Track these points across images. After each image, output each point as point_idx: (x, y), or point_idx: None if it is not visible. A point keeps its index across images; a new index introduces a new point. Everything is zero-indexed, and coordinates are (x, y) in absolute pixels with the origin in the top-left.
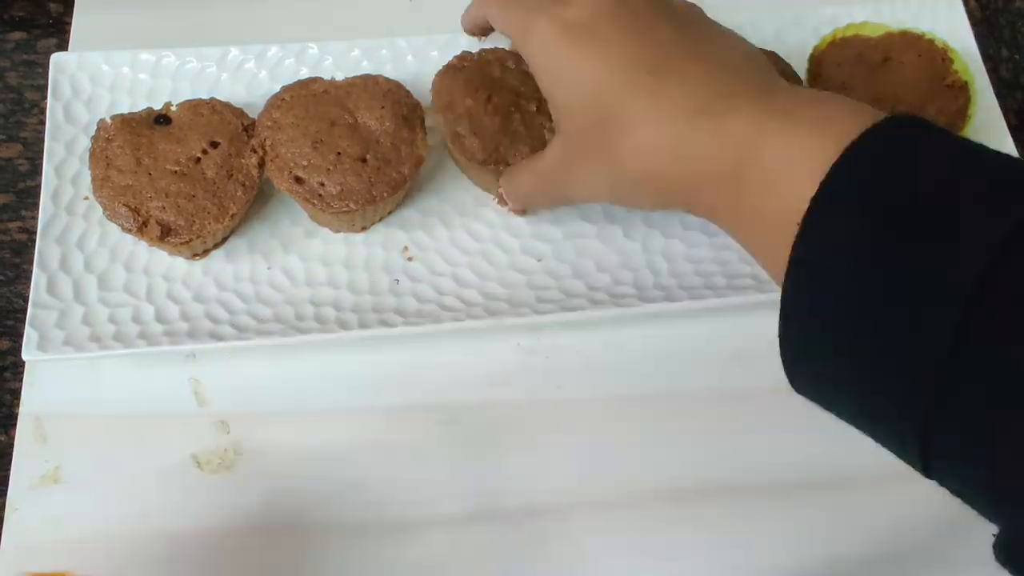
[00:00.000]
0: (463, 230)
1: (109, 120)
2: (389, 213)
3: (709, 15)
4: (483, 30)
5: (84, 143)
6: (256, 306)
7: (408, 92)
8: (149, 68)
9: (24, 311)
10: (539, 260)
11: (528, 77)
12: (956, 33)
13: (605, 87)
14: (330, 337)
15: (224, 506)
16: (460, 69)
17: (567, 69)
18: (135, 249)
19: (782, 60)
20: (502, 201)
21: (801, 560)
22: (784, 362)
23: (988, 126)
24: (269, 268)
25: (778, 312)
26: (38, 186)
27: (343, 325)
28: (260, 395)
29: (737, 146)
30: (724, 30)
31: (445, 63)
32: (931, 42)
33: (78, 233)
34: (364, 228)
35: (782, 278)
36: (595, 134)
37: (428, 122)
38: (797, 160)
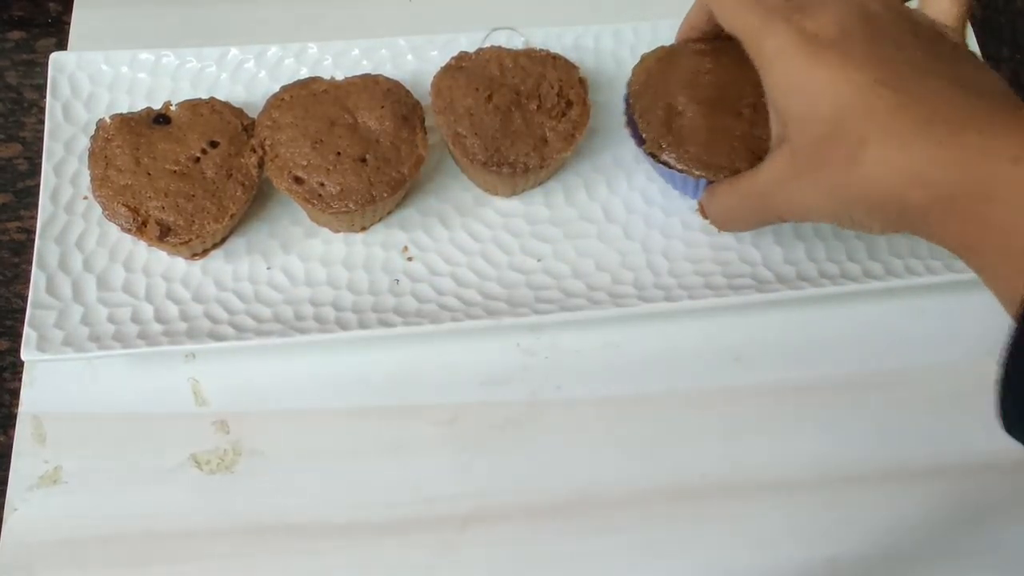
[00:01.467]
0: (463, 230)
1: (108, 119)
2: (389, 213)
3: None
4: (702, 30)
5: (83, 142)
6: (255, 306)
7: (408, 92)
8: (148, 67)
9: (23, 311)
10: (539, 260)
11: (528, 75)
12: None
13: (847, 100)
14: (330, 337)
15: (224, 506)
16: (460, 69)
17: (806, 79)
18: (134, 249)
19: None
20: (703, 212)
21: (801, 560)
22: (1005, 399)
23: None
24: (268, 268)
25: (1003, 354)
26: (37, 186)
27: (343, 325)
28: (260, 395)
29: (991, 167)
30: (969, 52)
31: (445, 63)
32: None
33: (77, 233)
34: (364, 228)
35: (1017, 308)
36: (829, 148)
37: (428, 122)
38: None
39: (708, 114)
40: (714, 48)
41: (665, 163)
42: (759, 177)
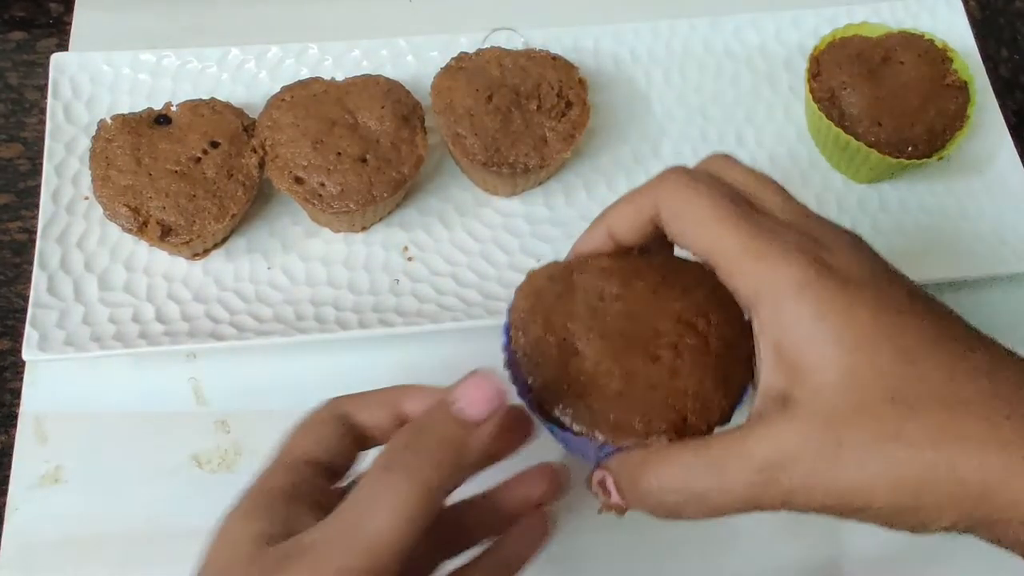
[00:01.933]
0: (463, 230)
1: (109, 120)
2: (389, 213)
3: (710, 14)
4: (624, 240)
5: (84, 143)
6: (256, 306)
7: (408, 92)
8: (149, 68)
9: (24, 311)
10: (539, 260)
11: (528, 76)
12: (956, 33)
13: (911, 358)
14: (330, 337)
15: (224, 506)
16: (460, 69)
17: (847, 323)
18: (135, 249)
19: None
20: (607, 488)
21: (801, 560)
22: None
23: (987, 126)
24: (269, 268)
25: None
26: (38, 186)
27: (343, 325)
28: (260, 395)
29: None
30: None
31: (445, 63)
32: (931, 42)
33: (78, 233)
34: (364, 228)
35: None
36: (896, 416)
37: (428, 122)
38: None
39: (617, 355)
40: (622, 267)
41: (557, 421)
42: (758, 445)
